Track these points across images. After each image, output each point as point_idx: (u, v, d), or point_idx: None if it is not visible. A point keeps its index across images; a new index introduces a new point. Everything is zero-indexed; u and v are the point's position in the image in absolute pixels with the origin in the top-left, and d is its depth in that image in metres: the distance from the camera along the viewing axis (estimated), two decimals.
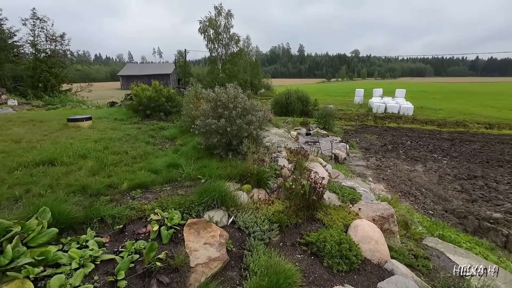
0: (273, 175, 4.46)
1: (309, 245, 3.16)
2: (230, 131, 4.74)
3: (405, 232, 3.98)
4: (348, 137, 17.94)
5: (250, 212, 3.41)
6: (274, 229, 3.25)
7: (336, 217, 3.59)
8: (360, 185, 4.95)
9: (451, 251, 3.57)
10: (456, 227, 5.74)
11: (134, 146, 5.51)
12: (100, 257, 2.26)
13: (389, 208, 3.80)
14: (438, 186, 8.48)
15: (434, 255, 3.50)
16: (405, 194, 7.43)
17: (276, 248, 3.06)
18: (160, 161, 4.60)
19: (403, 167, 10.50)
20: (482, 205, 6.78)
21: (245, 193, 3.89)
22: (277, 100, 29.51)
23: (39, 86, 16.58)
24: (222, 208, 3.41)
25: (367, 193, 4.58)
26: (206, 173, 4.14)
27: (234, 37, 28.06)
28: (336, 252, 2.96)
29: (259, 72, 50.92)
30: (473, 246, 4.34)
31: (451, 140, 17.01)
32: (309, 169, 5.26)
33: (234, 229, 3.21)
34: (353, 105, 32.29)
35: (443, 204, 6.88)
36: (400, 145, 15.18)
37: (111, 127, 7.15)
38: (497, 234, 5.07)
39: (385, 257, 3.08)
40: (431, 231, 4.51)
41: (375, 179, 8.74)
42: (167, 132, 6.92)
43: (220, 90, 5.33)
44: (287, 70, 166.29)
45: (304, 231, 3.38)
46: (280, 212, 3.51)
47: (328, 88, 61.21)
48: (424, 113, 26.66)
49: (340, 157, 10.59)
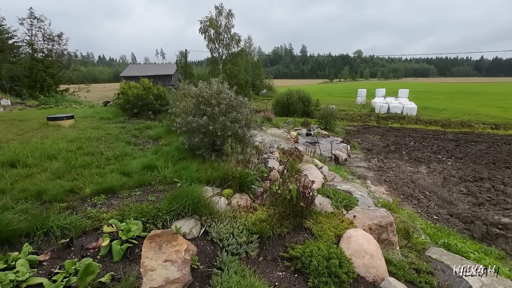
0: (258, 178, 4.01)
1: (293, 260, 2.72)
2: (213, 130, 4.32)
3: (406, 242, 3.53)
4: (350, 137, 17.44)
5: (227, 221, 2.97)
6: (254, 241, 2.82)
7: (327, 226, 3.15)
8: (357, 189, 4.48)
9: (458, 264, 3.12)
10: (463, 233, 5.26)
11: (112, 146, 5.11)
12: (27, 281, 1.84)
13: (387, 215, 3.35)
14: (443, 188, 7.98)
15: (438, 269, 3.05)
16: (408, 197, 6.95)
17: (253, 264, 2.63)
18: (136, 163, 4.19)
19: (406, 169, 10.00)
20: (490, 209, 6.28)
21: (224, 199, 3.46)
22: (278, 101, 29.05)
23: (35, 86, 16.32)
24: (195, 216, 2.97)
25: (364, 198, 4.11)
26: (184, 176, 3.72)
27: (235, 37, 27.69)
28: (323, 269, 2.52)
29: (261, 72, 50.55)
30: (482, 257, 3.87)
31: (455, 140, 16.43)
32: (301, 171, 4.82)
33: (205, 242, 2.77)
34: (355, 105, 31.74)
35: (448, 207, 6.39)
36: (403, 146, 14.66)
37: (93, 126, 6.76)
38: (507, 241, 4.59)
39: (381, 273, 2.66)
40: (436, 239, 4.04)
41: (376, 181, 8.26)
42: (153, 131, 6.51)
43: (202, 85, 4.91)
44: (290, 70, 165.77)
45: (290, 243, 2.94)
46: (262, 221, 3.07)
47: (331, 89, 60.63)
48: (428, 113, 26.05)
49: (340, 158, 10.12)
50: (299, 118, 23.80)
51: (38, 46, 17.35)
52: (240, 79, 26.78)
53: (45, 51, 17.60)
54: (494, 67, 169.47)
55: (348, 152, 11.62)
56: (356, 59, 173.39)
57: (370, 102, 30.33)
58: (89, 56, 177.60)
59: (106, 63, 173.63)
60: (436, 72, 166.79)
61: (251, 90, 31.58)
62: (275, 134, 11.37)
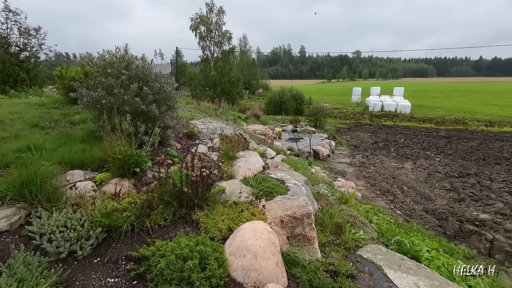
0: (147, 160, 3.38)
1: (142, 262, 2.02)
2: (108, 104, 3.68)
3: (334, 238, 2.98)
4: (339, 135, 17.08)
5: (65, 211, 2.30)
6: (92, 236, 2.16)
7: (222, 218, 2.54)
8: (294, 177, 3.77)
9: (394, 265, 2.65)
10: (435, 230, 4.88)
11: (8, 130, 4.62)
12: None
13: (305, 205, 2.73)
14: (425, 184, 7.60)
15: (366, 271, 2.52)
16: (384, 192, 6.57)
17: (79, 268, 1.97)
18: (15, 145, 3.71)
19: (390, 165, 9.63)
20: (470, 205, 5.90)
21: (91, 184, 2.90)
22: (271, 99, 28.65)
23: (8, 81, 15.65)
24: (18, 204, 2.38)
25: (297, 187, 3.32)
26: (58, 157, 3.28)
27: (226, 34, 27.31)
28: (173, 273, 1.80)
29: (256, 71, 50.23)
30: (436, 256, 3.30)
31: (447, 137, 16.08)
32: (237, 157, 4.33)
33: (17, 238, 2.16)
34: (350, 104, 31.38)
35: (424, 203, 6.01)
36: (393, 143, 14.30)
37: (14, 111, 6.12)
38: (480, 239, 4.21)
39: (266, 278, 1.98)
40: (389, 236, 3.57)
41: (354, 176, 7.89)
42: (80, 116, 5.80)
43: (108, 54, 4.26)
44: (288, 71, 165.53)
45: (154, 239, 2.26)
46: (122, 210, 2.43)
47: (328, 88, 60.33)
48: (423, 111, 25.67)
49: (321, 154, 9.75)
50: (290, 116, 23.43)
51: (13, 40, 16.72)
52: (231, 76, 26.33)
53: (20, 45, 16.99)
54: (493, 66, 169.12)
55: (332, 149, 11.26)
56: (355, 59, 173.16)
57: (365, 100, 29.97)
58: (89, 56, 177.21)
59: None
60: (435, 72, 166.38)
61: (243, 89, 31.12)
62: (254, 130, 11.00)
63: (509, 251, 3.98)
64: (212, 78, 26.19)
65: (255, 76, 49.67)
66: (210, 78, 26.29)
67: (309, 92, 33.19)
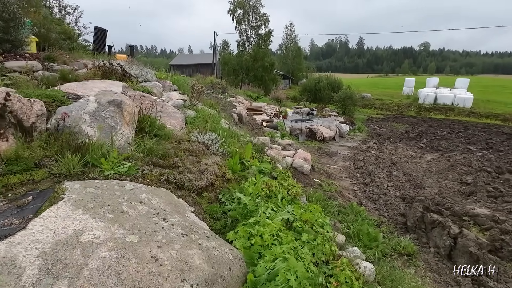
0: None
1: None
2: None
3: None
4: (368, 124, 15.14)
5: None
6: None
7: None
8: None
9: None
10: (393, 218, 3.54)
11: None
12: None
13: None
14: (435, 175, 5.94)
15: None
16: (363, 174, 5.25)
17: None
18: None
19: (404, 153, 7.92)
20: (480, 200, 4.26)
21: None
22: (305, 86, 26.86)
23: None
24: None
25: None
26: None
27: (263, 17, 26.43)
28: None
29: (301, 61, 48.19)
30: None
31: (509, 134, 12.93)
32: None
33: None
34: (399, 96, 27.82)
35: (409, 191, 4.54)
36: (430, 135, 12.00)
37: None
38: (442, 234, 2.83)
39: None
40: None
41: (342, 158, 6.58)
42: None
43: None
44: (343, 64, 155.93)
45: None
46: None
47: (381, 82, 54.85)
48: (489, 106, 21.39)
49: (319, 134, 8.47)
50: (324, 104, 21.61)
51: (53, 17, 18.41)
52: (265, 61, 25.42)
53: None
54: None
55: (342, 132, 9.83)
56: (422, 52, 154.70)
57: (417, 92, 26.24)
58: (153, 49, 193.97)
59: (166, 55, 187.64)
60: None
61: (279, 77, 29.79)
62: (259, 105, 10.22)
63: (474, 253, 2.57)
64: (245, 63, 25.64)
65: (300, 66, 47.69)
66: (243, 62, 25.77)
67: (357, 84, 30.18)
